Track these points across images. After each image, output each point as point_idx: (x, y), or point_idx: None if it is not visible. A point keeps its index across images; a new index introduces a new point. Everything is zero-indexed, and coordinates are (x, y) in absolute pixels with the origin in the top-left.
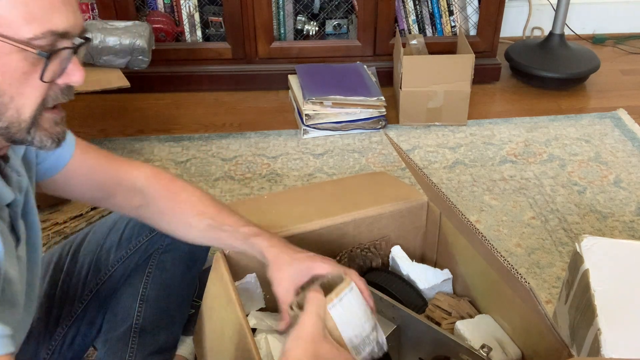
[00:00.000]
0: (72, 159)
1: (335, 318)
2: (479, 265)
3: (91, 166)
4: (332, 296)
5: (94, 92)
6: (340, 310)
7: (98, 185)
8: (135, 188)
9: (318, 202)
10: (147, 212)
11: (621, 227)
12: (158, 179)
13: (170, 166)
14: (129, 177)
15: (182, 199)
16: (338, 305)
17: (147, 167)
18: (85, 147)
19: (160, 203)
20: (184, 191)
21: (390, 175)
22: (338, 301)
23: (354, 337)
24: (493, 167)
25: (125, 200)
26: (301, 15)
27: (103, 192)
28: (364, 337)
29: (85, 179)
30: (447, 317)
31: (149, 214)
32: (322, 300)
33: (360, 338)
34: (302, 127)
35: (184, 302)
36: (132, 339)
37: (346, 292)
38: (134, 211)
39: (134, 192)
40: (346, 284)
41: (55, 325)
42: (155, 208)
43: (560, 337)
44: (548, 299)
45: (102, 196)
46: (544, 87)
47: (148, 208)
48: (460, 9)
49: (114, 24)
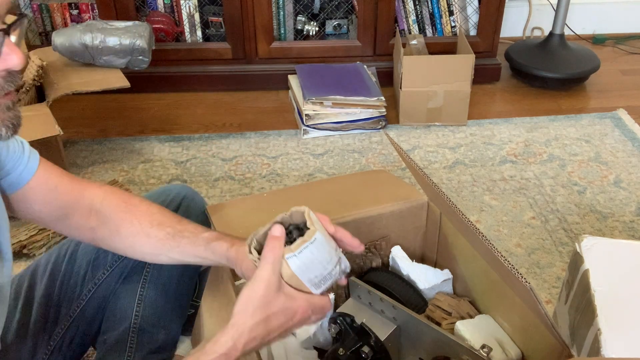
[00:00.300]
0: (35, 176)
1: (294, 268)
2: (479, 265)
3: (54, 184)
4: (293, 248)
5: (94, 92)
6: (299, 262)
7: (58, 204)
8: (92, 208)
9: (318, 202)
10: (102, 231)
11: (621, 227)
12: (115, 195)
13: (170, 166)
14: (87, 196)
15: (140, 211)
16: (296, 258)
17: (105, 186)
18: (49, 166)
19: (117, 217)
20: (142, 204)
21: (390, 174)
22: (298, 253)
23: (314, 277)
24: (493, 167)
25: (82, 219)
26: (301, 15)
27: (61, 212)
28: (326, 275)
29: (46, 197)
30: (447, 317)
31: (104, 233)
32: (278, 251)
33: (322, 277)
34: (302, 127)
35: (183, 302)
36: (131, 338)
37: (307, 245)
38: (89, 233)
39: (90, 212)
40: (309, 236)
41: (54, 326)
42: (111, 224)
43: (560, 337)
44: (548, 299)
45: (59, 216)
46: (544, 87)
47: (104, 227)
48: (460, 9)
49: (114, 24)
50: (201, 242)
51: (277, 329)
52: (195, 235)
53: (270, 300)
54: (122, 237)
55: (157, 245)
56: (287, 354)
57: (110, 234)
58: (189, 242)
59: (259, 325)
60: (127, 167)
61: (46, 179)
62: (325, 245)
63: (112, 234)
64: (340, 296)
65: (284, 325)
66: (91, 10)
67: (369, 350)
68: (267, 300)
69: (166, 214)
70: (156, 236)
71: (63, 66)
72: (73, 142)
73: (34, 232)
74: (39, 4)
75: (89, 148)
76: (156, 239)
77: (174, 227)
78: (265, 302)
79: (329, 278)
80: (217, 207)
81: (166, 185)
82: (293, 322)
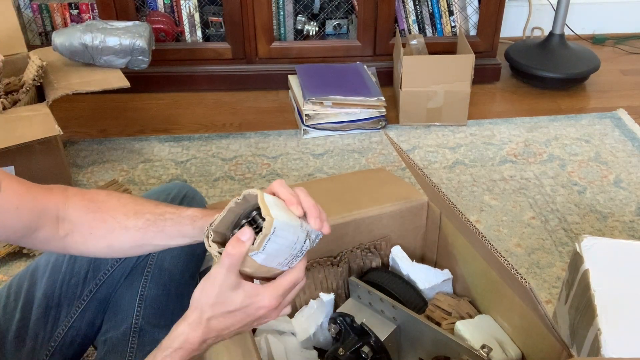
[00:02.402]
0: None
1: (260, 261)
2: (479, 265)
3: (13, 206)
4: (255, 247)
5: (94, 92)
6: (264, 255)
7: (21, 224)
8: (58, 217)
9: (318, 201)
10: (74, 238)
11: (621, 227)
12: (79, 197)
13: (170, 166)
14: (51, 207)
15: (110, 206)
16: (260, 253)
17: (68, 190)
18: (8, 185)
19: (87, 219)
20: (110, 198)
21: (390, 172)
22: (262, 250)
23: (284, 260)
24: (493, 167)
25: (49, 232)
26: (301, 15)
27: (25, 230)
28: (296, 253)
29: (6, 221)
30: (447, 317)
31: (77, 238)
32: (237, 256)
33: (292, 256)
34: (302, 127)
35: (184, 302)
36: (132, 338)
37: (268, 238)
38: (60, 243)
39: (57, 222)
40: (267, 229)
41: (54, 326)
42: (83, 229)
43: (560, 337)
44: (548, 299)
45: (24, 234)
46: (544, 87)
47: (75, 233)
48: (460, 9)
49: (114, 24)
50: (186, 220)
51: (237, 323)
52: (179, 215)
53: (225, 300)
54: (97, 238)
55: (138, 235)
56: (287, 354)
57: (84, 239)
58: (173, 222)
59: (213, 322)
60: (127, 167)
61: (4, 202)
62: (288, 230)
63: (85, 238)
64: (340, 296)
65: (244, 320)
66: (91, 10)
67: (369, 350)
68: (221, 300)
69: (140, 202)
70: (135, 226)
71: (63, 66)
72: (73, 142)
73: None
74: (39, 4)
75: (89, 148)
76: (135, 229)
77: (153, 212)
78: (219, 301)
79: (300, 254)
80: (217, 205)
81: (166, 184)
82: (258, 316)
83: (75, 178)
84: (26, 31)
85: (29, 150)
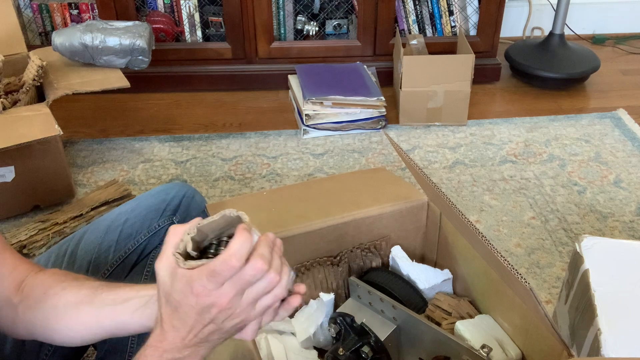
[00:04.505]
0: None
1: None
2: (479, 265)
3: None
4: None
5: (94, 92)
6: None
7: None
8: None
9: (318, 201)
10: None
11: (621, 227)
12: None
13: (170, 166)
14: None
15: (54, 293)
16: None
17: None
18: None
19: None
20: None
21: (389, 172)
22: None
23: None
24: (493, 167)
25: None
26: (301, 15)
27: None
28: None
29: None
30: (447, 317)
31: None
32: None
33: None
34: (302, 127)
35: None
36: (132, 338)
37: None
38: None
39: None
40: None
41: None
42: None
43: (560, 337)
44: (548, 299)
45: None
46: (544, 87)
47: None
48: (460, 9)
49: (114, 24)
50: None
51: (210, 323)
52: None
53: (185, 309)
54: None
55: (92, 299)
56: (287, 354)
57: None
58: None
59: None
60: (127, 167)
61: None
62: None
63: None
64: (340, 296)
65: (216, 320)
66: (91, 10)
67: (369, 350)
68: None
69: (74, 276)
70: (84, 294)
71: (63, 66)
72: (73, 142)
73: (33, 232)
74: (39, 4)
75: (89, 148)
76: (86, 295)
77: (92, 283)
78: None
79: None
80: (217, 205)
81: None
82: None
83: (75, 178)
84: (26, 31)
85: (29, 150)
